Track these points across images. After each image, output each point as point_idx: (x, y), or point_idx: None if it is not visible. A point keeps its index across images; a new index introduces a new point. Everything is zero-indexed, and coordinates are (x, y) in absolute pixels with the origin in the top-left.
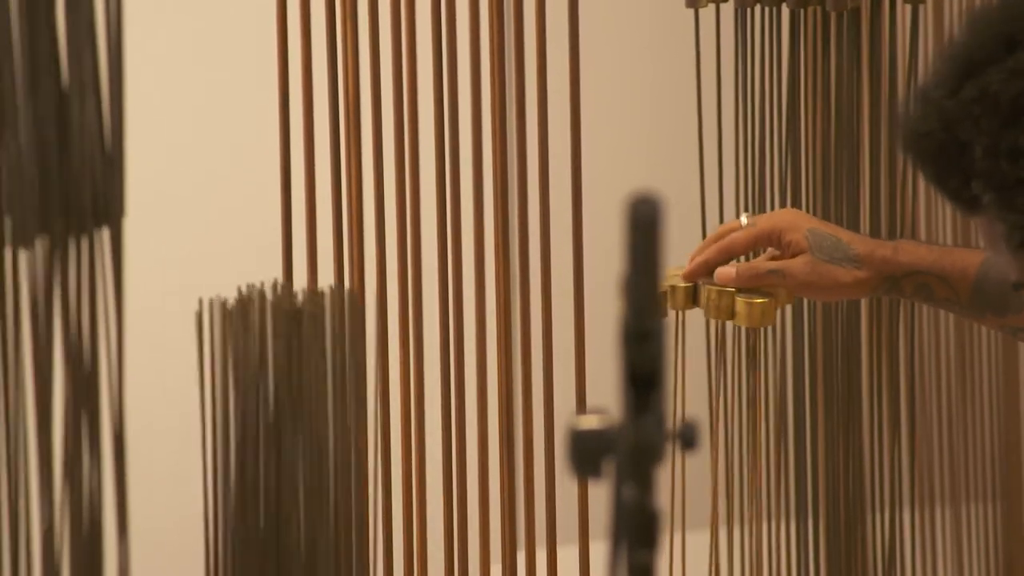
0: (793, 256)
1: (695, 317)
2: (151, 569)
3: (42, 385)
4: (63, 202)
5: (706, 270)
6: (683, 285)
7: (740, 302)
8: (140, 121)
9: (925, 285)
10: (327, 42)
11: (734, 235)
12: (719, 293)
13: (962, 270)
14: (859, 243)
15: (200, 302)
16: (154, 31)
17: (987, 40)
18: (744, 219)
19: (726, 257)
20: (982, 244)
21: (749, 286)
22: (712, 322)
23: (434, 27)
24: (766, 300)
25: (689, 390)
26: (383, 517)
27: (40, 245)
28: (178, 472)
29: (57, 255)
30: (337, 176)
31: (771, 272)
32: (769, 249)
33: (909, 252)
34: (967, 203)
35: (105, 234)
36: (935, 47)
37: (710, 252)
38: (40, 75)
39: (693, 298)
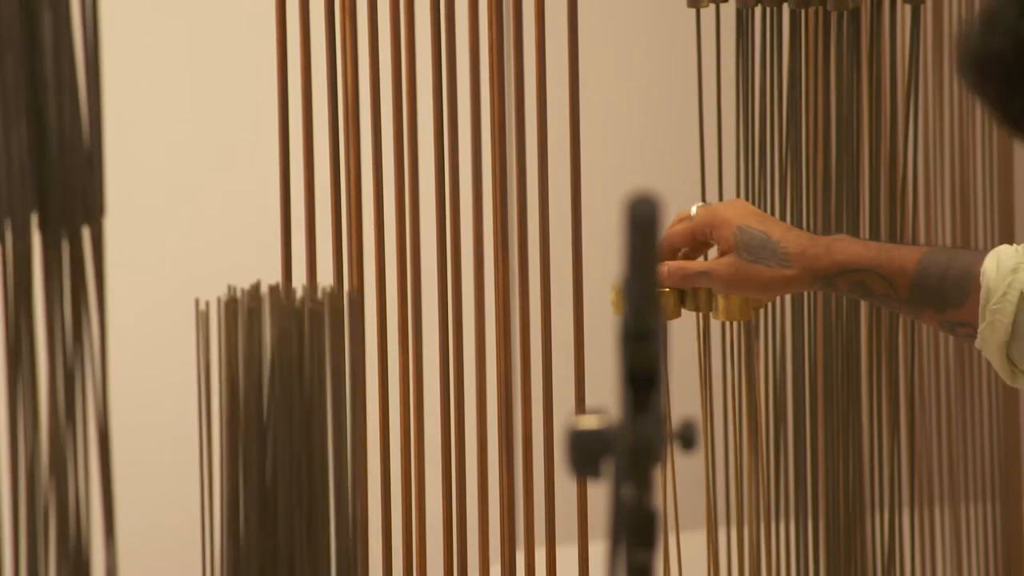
0: (721, 254)
1: (690, 316)
2: (139, 571)
3: (26, 386)
4: (42, 201)
5: None
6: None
7: (719, 296)
8: (140, 121)
9: (861, 283)
10: (326, 40)
11: (672, 229)
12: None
13: (901, 266)
14: (791, 240)
15: (197, 302)
16: (153, 30)
17: None
18: (695, 209)
19: (666, 251)
20: None
21: (679, 286)
22: (712, 322)
23: (433, 26)
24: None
25: (688, 390)
26: (382, 517)
27: (21, 244)
28: (169, 473)
29: (38, 254)
30: (336, 175)
31: (697, 274)
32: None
33: (842, 251)
34: None
35: (86, 233)
36: (935, 47)
37: None
38: (17, 71)
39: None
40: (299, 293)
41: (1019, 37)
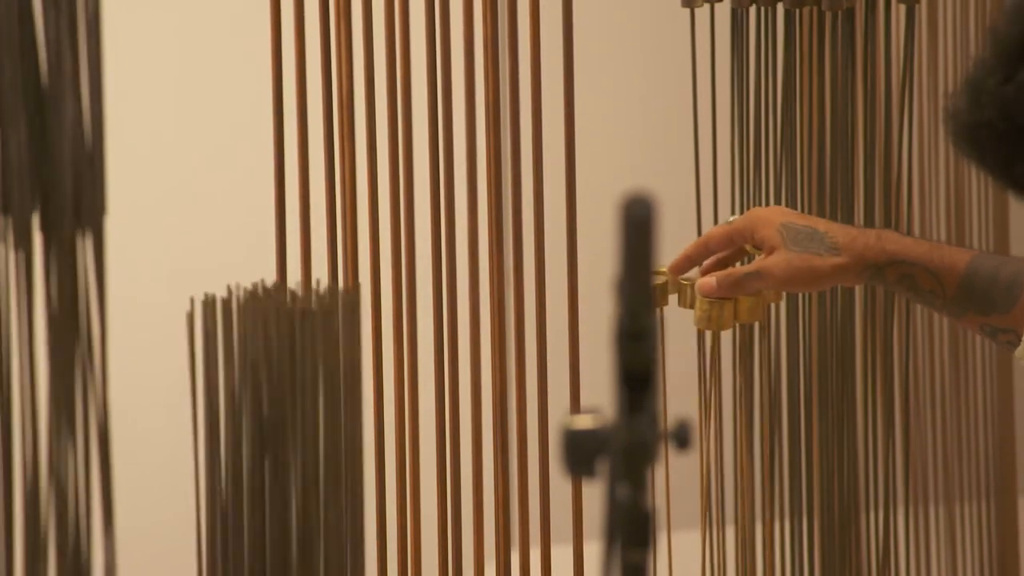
0: (769, 253)
1: (686, 317)
2: (138, 569)
3: (26, 385)
4: (43, 203)
5: (688, 265)
6: (659, 282)
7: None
8: (135, 118)
9: (909, 275)
10: (321, 37)
11: (711, 230)
12: (711, 304)
13: (950, 264)
14: (838, 231)
15: (192, 301)
16: (148, 27)
17: None
18: (732, 219)
19: (703, 251)
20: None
21: (731, 295)
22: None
23: (428, 22)
24: (751, 297)
25: (684, 389)
26: (377, 516)
27: (21, 245)
28: (167, 472)
29: (38, 255)
30: (331, 173)
31: (748, 276)
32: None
33: (894, 241)
34: None
35: (87, 234)
36: (930, 46)
37: (690, 247)
38: (18, 73)
39: (676, 295)
40: (293, 292)
41: (1006, 103)
